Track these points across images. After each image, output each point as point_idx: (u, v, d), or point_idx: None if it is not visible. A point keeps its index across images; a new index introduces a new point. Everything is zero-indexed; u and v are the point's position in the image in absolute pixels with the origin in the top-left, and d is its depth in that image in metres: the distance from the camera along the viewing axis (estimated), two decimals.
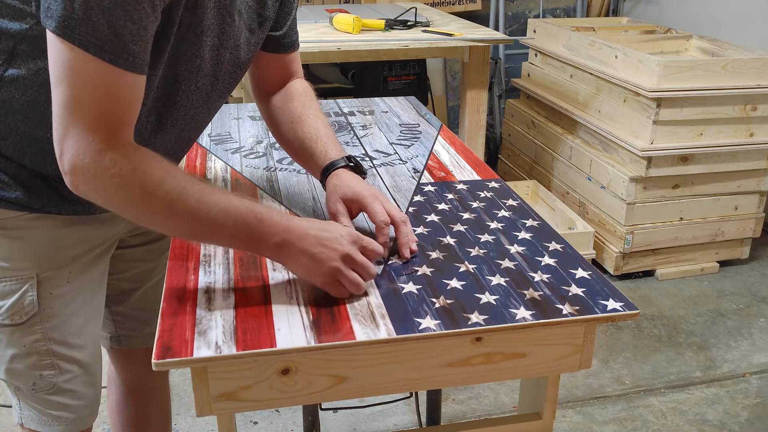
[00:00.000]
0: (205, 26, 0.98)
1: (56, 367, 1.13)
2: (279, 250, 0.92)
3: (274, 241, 0.91)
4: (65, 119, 0.84)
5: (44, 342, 1.11)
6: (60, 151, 0.85)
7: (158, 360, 0.80)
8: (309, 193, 1.29)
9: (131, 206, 0.88)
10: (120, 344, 1.40)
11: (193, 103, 1.06)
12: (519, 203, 1.25)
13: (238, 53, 1.08)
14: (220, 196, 0.90)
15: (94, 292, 1.18)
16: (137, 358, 1.41)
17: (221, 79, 1.08)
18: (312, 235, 0.91)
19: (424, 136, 1.62)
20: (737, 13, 3.25)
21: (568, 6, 4.10)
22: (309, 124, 1.17)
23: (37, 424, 1.16)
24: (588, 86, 2.97)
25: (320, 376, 0.88)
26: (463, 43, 2.48)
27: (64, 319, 1.12)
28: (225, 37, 1.03)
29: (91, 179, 0.85)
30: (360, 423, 2.02)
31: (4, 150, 1.01)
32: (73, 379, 1.16)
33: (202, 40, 0.99)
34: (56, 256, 1.10)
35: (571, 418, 2.06)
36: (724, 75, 2.58)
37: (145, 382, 1.46)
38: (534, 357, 0.94)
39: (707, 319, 2.57)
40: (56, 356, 1.12)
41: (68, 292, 1.12)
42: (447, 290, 0.95)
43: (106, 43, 0.81)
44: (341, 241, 0.92)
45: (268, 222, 0.91)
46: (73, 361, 1.15)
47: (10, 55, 0.94)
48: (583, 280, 0.98)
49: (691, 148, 2.62)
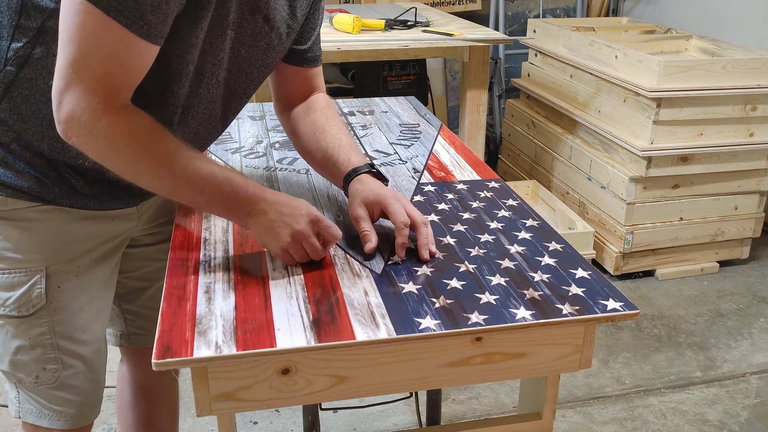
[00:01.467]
0: (231, 20, 1.00)
1: (60, 361, 1.14)
2: (247, 218, 0.99)
3: (244, 211, 0.98)
4: (69, 75, 0.86)
5: (50, 335, 1.11)
6: (58, 102, 0.88)
7: (158, 360, 0.80)
8: (309, 193, 1.29)
9: (119, 165, 0.93)
10: (130, 342, 1.40)
11: (213, 97, 1.08)
12: (519, 203, 1.25)
13: (255, 53, 1.09)
14: (203, 164, 0.95)
15: (102, 288, 1.19)
16: (148, 357, 1.41)
17: (234, 73, 1.09)
18: (276, 209, 0.98)
19: (424, 136, 1.62)
20: (737, 13, 3.25)
21: (568, 6, 4.10)
22: (332, 134, 1.19)
23: (36, 417, 1.17)
24: (588, 86, 2.97)
25: (320, 376, 0.88)
26: (463, 43, 2.48)
27: (71, 313, 1.13)
28: (243, 33, 1.04)
29: (85, 134, 0.89)
30: (360, 423, 2.02)
31: (24, 133, 1.01)
32: (76, 375, 1.16)
33: (227, 33, 1.01)
34: (66, 250, 1.10)
35: (571, 418, 2.06)
36: (724, 75, 2.58)
37: (156, 382, 1.47)
38: (534, 357, 0.94)
39: (707, 319, 2.57)
40: (61, 350, 1.13)
41: (76, 287, 1.13)
42: (447, 290, 0.95)
43: (126, 8, 0.84)
44: (298, 219, 0.98)
45: (242, 194, 0.97)
46: (76, 357, 1.15)
47: (38, 32, 0.96)
48: (583, 280, 0.98)
49: (691, 148, 2.62)
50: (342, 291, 0.95)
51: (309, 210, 1.00)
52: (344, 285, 0.96)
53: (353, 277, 0.99)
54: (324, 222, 1.00)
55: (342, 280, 0.98)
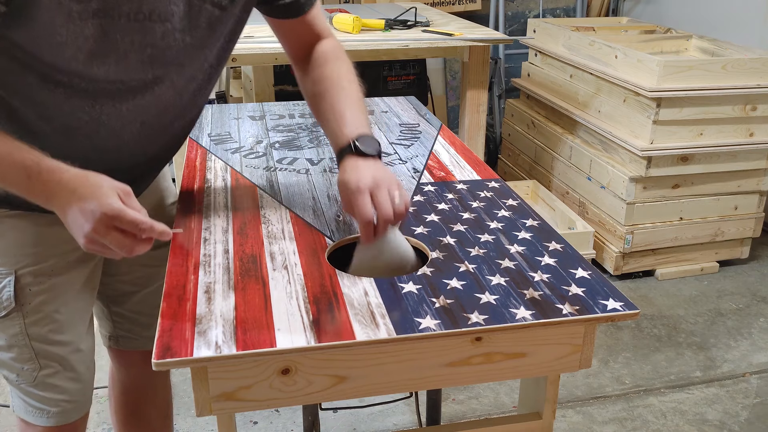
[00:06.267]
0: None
1: (36, 361, 1.14)
2: (48, 205, 0.92)
3: (42, 198, 0.92)
4: None
5: (23, 336, 1.12)
6: None
7: (158, 360, 0.80)
8: (309, 193, 1.29)
9: None
10: (118, 345, 1.40)
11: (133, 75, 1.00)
12: (519, 203, 1.25)
13: (170, 29, 0.99)
14: (7, 148, 0.90)
15: (80, 291, 1.18)
16: (136, 360, 1.42)
17: (161, 68, 1.02)
18: (72, 205, 0.90)
19: (424, 136, 1.62)
20: (737, 13, 3.25)
21: (568, 6, 4.10)
22: (326, 100, 1.14)
23: (24, 413, 1.20)
24: (588, 86, 2.97)
25: (320, 376, 0.88)
26: (463, 43, 2.48)
27: (44, 315, 1.13)
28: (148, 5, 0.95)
29: None
30: (360, 423, 2.02)
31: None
32: (55, 375, 1.17)
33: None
34: (37, 254, 1.10)
35: (571, 418, 2.06)
36: (724, 75, 2.58)
37: (144, 382, 1.47)
38: (534, 357, 0.94)
39: (707, 319, 2.57)
40: (35, 351, 1.14)
41: (50, 289, 1.13)
42: (447, 290, 0.95)
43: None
44: (89, 219, 0.88)
45: (36, 180, 0.90)
46: (53, 358, 1.16)
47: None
48: (583, 280, 0.98)
49: (691, 147, 2.62)
50: (342, 291, 0.95)
51: (100, 205, 0.88)
52: (344, 285, 0.96)
53: (353, 277, 0.99)
54: (123, 217, 0.88)
55: (342, 280, 0.98)
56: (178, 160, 2.38)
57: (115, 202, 0.89)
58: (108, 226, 0.88)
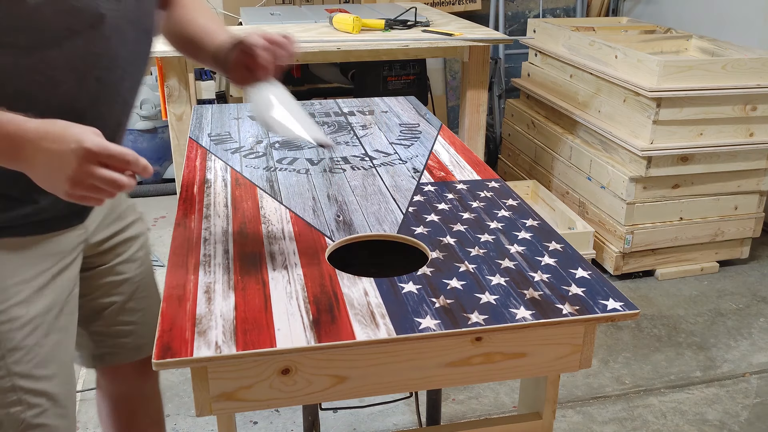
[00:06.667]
0: None
1: (23, 402, 1.05)
2: (14, 160, 0.87)
3: (7, 154, 0.86)
4: None
5: (8, 378, 1.03)
6: None
7: (158, 360, 0.80)
8: (309, 193, 1.29)
9: None
10: (104, 363, 1.33)
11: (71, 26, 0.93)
12: (519, 203, 1.25)
13: None
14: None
15: (57, 317, 1.09)
16: (125, 372, 1.36)
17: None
18: (42, 153, 0.84)
19: (424, 136, 1.62)
20: (737, 13, 3.25)
21: (568, 6, 4.10)
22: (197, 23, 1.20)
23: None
24: (588, 86, 2.97)
25: (320, 376, 0.88)
26: (463, 43, 2.48)
27: (27, 351, 1.04)
28: None
29: None
30: (360, 423, 2.02)
31: None
32: (43, 413, 1.08)
33: None
34: (5, 288, 1.02)
35: (571, 418, 2.06)
36: (724, 75, 2.58)
37: (134, 393, 1.42)
38: (534, 357, 0.94)
39: (707, 319, 2.57)
40: (23, 390, 1.05)
41: (28, 323, 1.04)
42: (447, 290, 0.95)
43: None
44: (69, 160, 0.83)
45: (2, 135, 0.84)
46: (40, 395, 1.07)
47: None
48: (583, 280, 0.98)
49: (691, 148, 2.62)
50: (342, 291, 0.95)
51: (80, 141, 0.83)
52: (344, 285, 0.96)
53: (353, 277, 0.99)
54: (107, 150, 0.84)
55: (342, 280, 0.98)
56: (178, 160, 2.38)
57: (97, 137, 0.84)
58: (93, 162, 0.83)
